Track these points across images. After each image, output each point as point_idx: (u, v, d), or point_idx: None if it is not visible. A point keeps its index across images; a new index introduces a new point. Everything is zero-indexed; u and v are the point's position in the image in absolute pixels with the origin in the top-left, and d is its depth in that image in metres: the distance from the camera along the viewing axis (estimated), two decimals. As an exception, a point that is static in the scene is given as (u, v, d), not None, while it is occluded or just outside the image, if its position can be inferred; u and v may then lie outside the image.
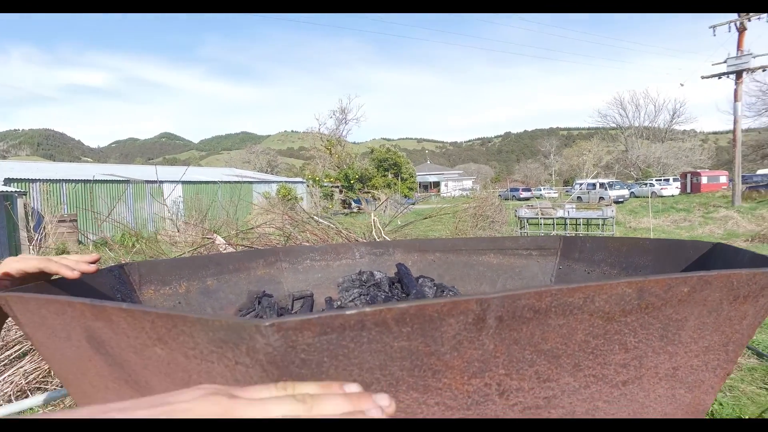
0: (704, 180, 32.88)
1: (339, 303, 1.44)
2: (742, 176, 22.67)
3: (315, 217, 4.21)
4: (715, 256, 0.89)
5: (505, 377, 0.44)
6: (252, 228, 3.95)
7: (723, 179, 32.61)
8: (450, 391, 0.42)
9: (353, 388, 0.32)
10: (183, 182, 15.12)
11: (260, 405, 0.29)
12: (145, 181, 15.59)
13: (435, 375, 0.41)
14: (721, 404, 3.14)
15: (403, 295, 1.40)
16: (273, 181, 22.03)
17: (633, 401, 0.52)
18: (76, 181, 14.31)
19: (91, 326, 0.53)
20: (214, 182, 17.59)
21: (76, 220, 12.37)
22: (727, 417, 2.99)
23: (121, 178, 15.65)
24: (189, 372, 0.44)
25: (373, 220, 4.14)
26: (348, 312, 0.35)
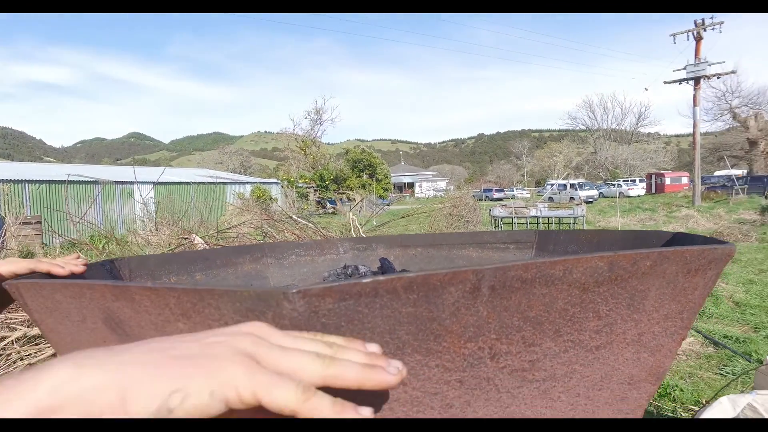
0: (667, 181, 34.24)
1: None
2: (702, 177, 23.73)
3: (294, 216, 4.23)
4: (675, 242, 0.98)
5: (496, 341, 0.50)
6: (230, 228, 3.93)
7: (684, 180, 34.03)
8: (448, 353, 0.48)
9: (373, 348, 0.37)
10: (155, 183, 14.79)
11: (293, 339, 0.34)
12: (115, 181, 15.18)
13: (436, 339, 0.46)
14: (682, 390, 3.33)
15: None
16: (247, 182, 21.76)
17: (605, 364, 0.59)
18: (40, 182, 13.82)
19: (111, 307, 0.56)
20: (187, 183, 17.28)
21: (40, 222, 11.94)
22: (688, 401, 3.16)
23: (89, 179, 15.20)
24: (211, 343, 0.49)
25: (352, 219, 4.19)
26: (365, 280, 0.40)
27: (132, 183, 15.21)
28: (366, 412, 0.32)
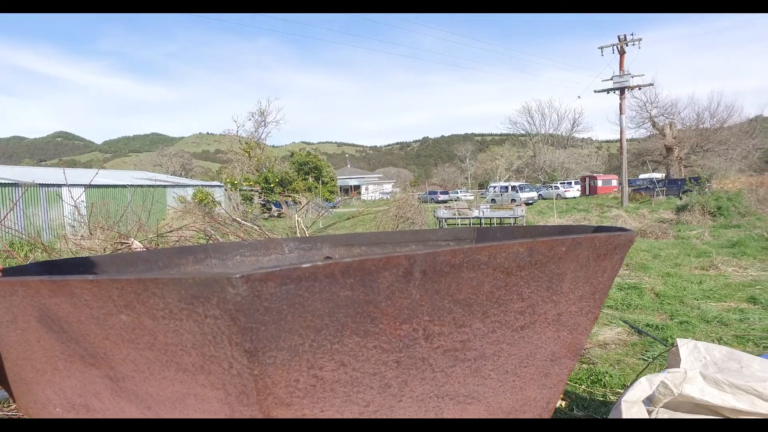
0: (600, 183, 36.62)
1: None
2: (628, 180, 25.59)
3: (237, 219, 4.13)
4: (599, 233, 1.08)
5: (429, 323, 0.54)
6: (171, 231, 3.78)
7: (614, 182, 36.52)
8: (385, 335, 0.52)
9: None
10: (87, 186, 13.84)
11: None
12: (40, 184, 14.05)
13: (373, 321, 0.50)
14: (611, 376, 3.59)
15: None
16: (189, 185, 20.87)
17: (529, 343, 0.65)
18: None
19: (47, 303, 0.55)
20: (124, 186, 16.32)
21: (-52, 229, 10.82)
22: (616, 386, 3.42)
23: (7, 180, 13.97)
24: (155, 333, 0.49)
25: (298, 221, 4.16)
26: (304, 265, 0.43)
27: (60, 186, 14.15)
28: None
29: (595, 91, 24.65)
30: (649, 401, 2.06)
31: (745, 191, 14.31)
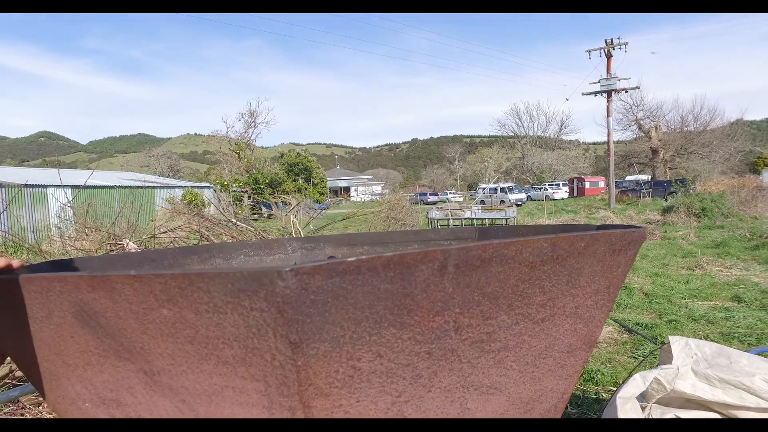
0: (587, 185, 37.06)
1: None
2: (615, 182, 25.95)
3: (232, 219, 4.12)
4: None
5: (459, 315, 0.56)
6: (166, 231, 3.76)
7: (601, 184, 37.01)
8: (419, 327, 0.54)
9: None
10: (73, 187, 13.63)
11: None
12: (24, 185, 13.81)
13: (409, 313, 0.52)
14: (603, 374, 3.65)
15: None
16: (178, 186, 20.66)
17: (548, 335, 0.67)
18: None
19: (85, 299, 0.56)
20: (111, 187, 16.09)
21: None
22: (608, 383, 3.48)
23: (-10, 182, 13.70)
24: (197, 327, 0.51)
25: (293, 221, 4.17)
26: (349, 259, 0.45)
27: (45, 186, 13.92)
28: None
29: (583, 94, 24.99)
30: (643, 397, 2.11)
31: (728, 193, 14.62)
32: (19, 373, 3.07)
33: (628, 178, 41.39)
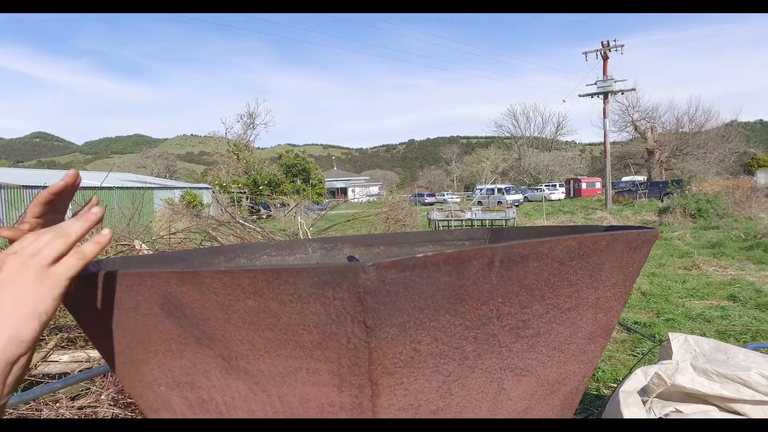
0: (584, 185, 37.25)
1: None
2: (612, 183, 26.15)
3: (241, 221, 4.20)
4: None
5: (501, 304, 0.65)
6: (175, 232, 3.83)
7: (598, 185, 37.23)
8: (468, 314, 0.62)
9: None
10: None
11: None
12: (23, 186, 13.81)
13: (461, 302, 0.61)
14: (603, 371, 3.75)
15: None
16: (176, 187, 20.67)
17: (573, 323, 0.76)
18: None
19: (174, 292, 0.64)
20: (110, 188, 16.11)
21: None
22: (608, 380, 3.58)
23: (-10, 183, 13.70)
24: (279, 315, 0.59)
25: (300, 222, 4.24)
26: (418, 255, 0.53)
27: (43, 187, 13.90)
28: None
29: (580, 96, 25.17)
30: (644, 392, 2.20)
31: (723, 194, 14.80)
32: (34, 371, 3.13)
33: (624, 179, 41.66)
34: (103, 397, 2.67)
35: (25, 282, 0.58)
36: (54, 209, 0.75)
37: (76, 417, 2.63)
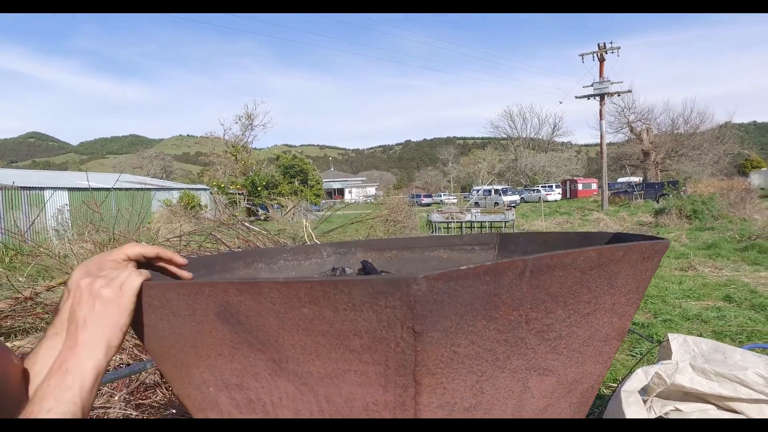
0: (580, 186, 37.44)
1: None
2: (608, 184, 26.31)
3: (246, 224, 4.25)
4: (618, 240, 1.26)
5: (529, 310, 0.71)
6: (182, 235, 3.88)
7: (594, 186, 37.43)
8: (501, 319, 0.69)
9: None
10: (69, 189, 13.62)
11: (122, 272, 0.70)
12: (21, 187, 13.78)
13: (495, 308, 0.67)
14: (604, 371, 3.82)
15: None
16: (174, 188, 20.66)
17: (591, 327, 0.83)
18: None
19: (230, 301, 0.70)
20: (107, 189, 16.09)
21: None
22: (607, 380, 3.65)
23: (-12, 184, 13.65)
24: (332, 322, 0.65)
25: (305, 225, 4.30)
26: (462, 267, 0.60)
27: (41, 189, 13.89)
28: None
29: (577, 97, 25.35)
30: (644, 391, 2.27)
31: (718, 195, 14.95)
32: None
33: (620, 180, 41.92)
34: (115, 398, 2.72)
35: (109, 299, 0.74)
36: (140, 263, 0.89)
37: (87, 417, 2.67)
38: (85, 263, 0.86)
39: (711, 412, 2.14)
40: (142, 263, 0.87)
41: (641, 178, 38.08)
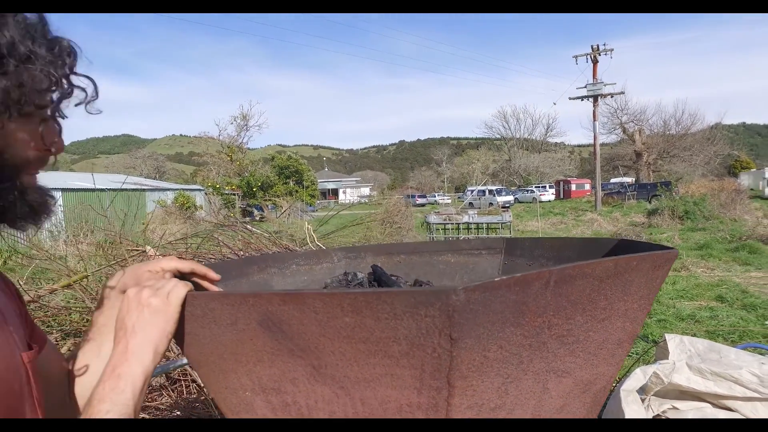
0: (573, 187, 37.70)
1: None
2: (601, 184, 26.55)
3: (248, 226, 4.28)
4: (624, 247, 1.32)
5: (551, 317, 0.77)
6: (183, 237, 3.90)
7: (587, 186, 37.71)
8: (527, 325, 0.74)
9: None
10: (63, 189, 13.53)
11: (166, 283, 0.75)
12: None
13: (522, 316, 0.72)
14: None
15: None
16: (168, 189, 20.57)
17: (605, 331, 0.88)
18: None
19: (274, 310, 0.74)
20: (102, 190, 15.99)
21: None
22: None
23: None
24: (373, 330, 0.70)
25: (308, 228, 4.34)
26: (496, 279, 0.65)
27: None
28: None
29: (570, 98, 25.59)
30: (642, 390, 2.34)
31: (709, 196, 15.15)
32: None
33: (612, 180, 42.28)
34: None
35: (156, 307, 0.79)
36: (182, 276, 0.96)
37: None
38: (119, 273, 0.90)
39: (707, 410, 2.20)
40: (176, 276, 0.92)
41: (634, 179, 38.45)
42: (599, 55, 24.36)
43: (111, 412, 0.70)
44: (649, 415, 2.27)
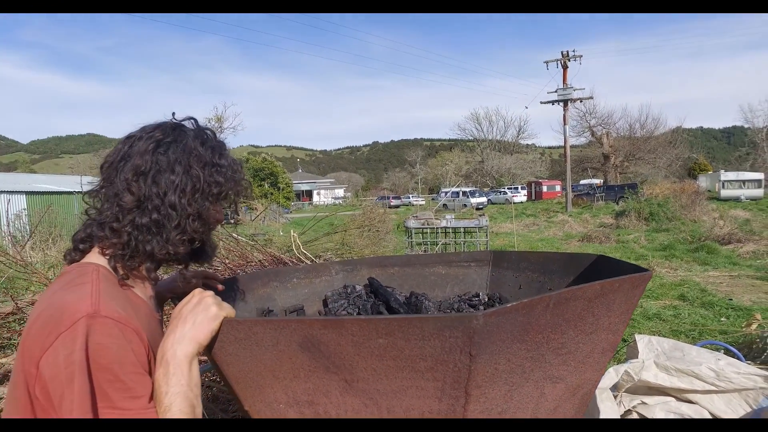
0: (545, 189, 38.63)
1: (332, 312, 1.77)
2: (571, 186, 27.36)
3: (234, 235, 4.32)
4: (602, 263, 1.48)
5: (549, 333, 0.90)
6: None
7: (558, 188, 38.71)
8: (530, 341, 0.88)
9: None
10: (28, 193, 13.06)
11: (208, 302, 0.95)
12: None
13: (527, 333, 0.86)
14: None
15: (380, 303, 1.80)
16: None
17: (592, 342, 1.03)
18: None
19: (314, 334, 0.85)
20: (69, 192, 15.50)
21: None
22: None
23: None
24: (403, 349, 0.82)
25: (293, 236, 4.40)
26: (509, 304, 0.78)
27: (-1, 193, 13.26)
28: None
29: (542, 103, 26.30)
30: (614, 388, 2.53)
31: (671, 198, 15.87)
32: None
33: (582, 182, 43.55)
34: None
35: (211, 307, 0.95)
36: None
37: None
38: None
39: (671, 404, 2.41)
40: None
41: (602, 180, 39.73)
42: (569, 60, 25.19)
43: (169, 394, 0.85)
44: (621, 410, 2.46)
